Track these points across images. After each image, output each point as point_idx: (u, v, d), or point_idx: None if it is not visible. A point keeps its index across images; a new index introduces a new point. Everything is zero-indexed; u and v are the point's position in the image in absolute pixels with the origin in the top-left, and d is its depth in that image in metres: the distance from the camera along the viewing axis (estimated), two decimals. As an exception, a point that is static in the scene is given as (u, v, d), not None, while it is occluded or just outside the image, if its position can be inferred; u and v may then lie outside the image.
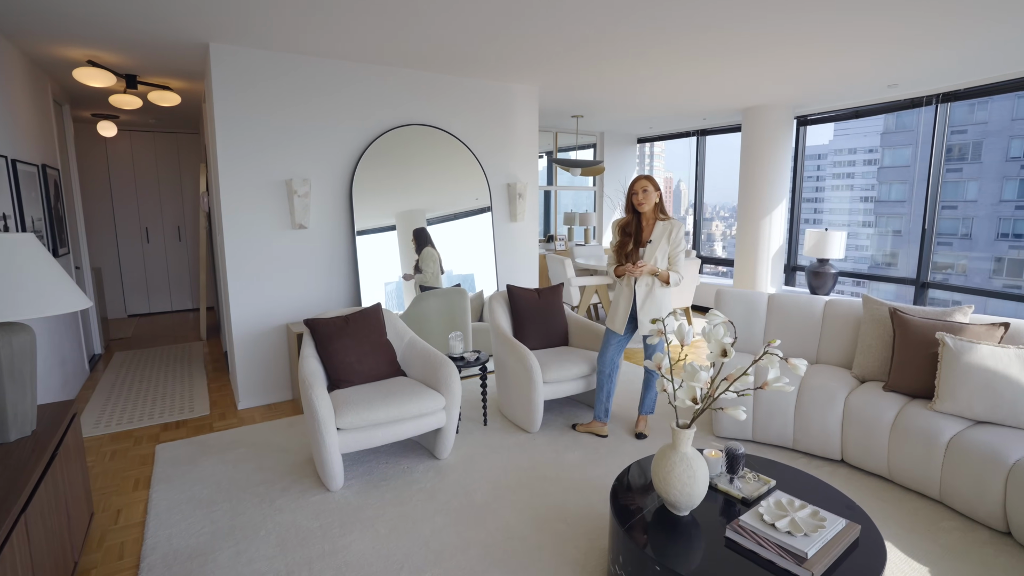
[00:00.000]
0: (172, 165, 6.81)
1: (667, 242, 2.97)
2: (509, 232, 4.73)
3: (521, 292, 3.65)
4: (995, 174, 23.12)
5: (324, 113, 3.75)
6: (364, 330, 2.97)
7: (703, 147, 7.32)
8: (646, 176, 3.02)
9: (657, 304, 3.01)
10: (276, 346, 3.76)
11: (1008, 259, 23.01)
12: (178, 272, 7.04)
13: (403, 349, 3.14)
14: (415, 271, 4.24)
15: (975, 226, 23.65)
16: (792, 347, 3.39)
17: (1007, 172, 22.52)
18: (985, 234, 23.24)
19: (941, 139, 4.99)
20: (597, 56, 3.78)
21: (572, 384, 3.29)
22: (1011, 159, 22.11)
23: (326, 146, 3.79)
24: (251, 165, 3.53)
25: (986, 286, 5.02)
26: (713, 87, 4.74)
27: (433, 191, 4.31)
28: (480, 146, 4.47)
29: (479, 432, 3.28)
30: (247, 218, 3.56)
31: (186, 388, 4.11)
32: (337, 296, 3.95)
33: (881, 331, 2.94)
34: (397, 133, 4.05)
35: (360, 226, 3.95)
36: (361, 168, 3.91)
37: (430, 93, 4.18)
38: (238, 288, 3.58)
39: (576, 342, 3.70)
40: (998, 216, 23.23)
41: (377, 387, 2.79)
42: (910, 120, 22.16)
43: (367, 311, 3.07)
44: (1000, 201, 23.25)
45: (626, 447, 3.08)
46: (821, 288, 5.61)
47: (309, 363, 2.75)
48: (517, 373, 3.21)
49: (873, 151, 24.31)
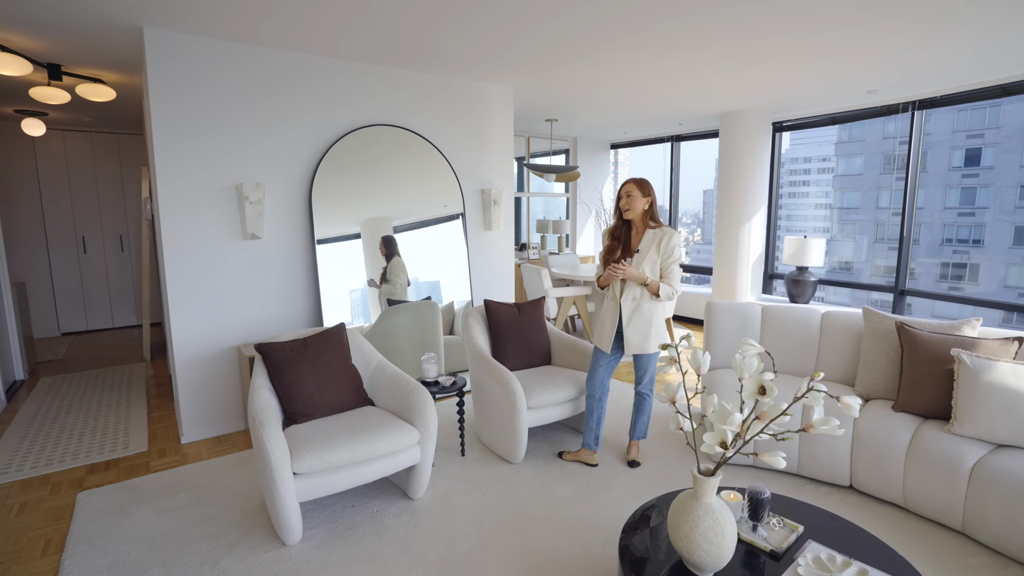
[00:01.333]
0: (112, 168, 6.23)
1: (657, 252, 2.72)
2: (483, 241, 4.43)
3: (500, 308, 3.36)
4: (939, 182, 24.33)
5: (279, 111, 3.38)
6: (325, 354, 2.61)
7: (678, 153, 7.21)
8: (634, 179, 2.76)
9: (645, 320, 2.75)
10: (226, 370, 3.34)
11: (952, 263, 24.24)
12: (120, 285, 6.44)
13: (370, 374, 2.80)
14: (382, 280, 3.89)
15: (922, 232, 24.81)
16: (789, 363, 3.20)
17: (950, 181, 23.73)
18: (931, 239, 24.40)
19: (917, 146, 4.96)
20: (575, 55, 3.54)
21: (558, 409, 3.01)
22: (953, 168, 23.31)
23: (282, 148, 3.42)
24: (195, 168, 3.13)
25: (934, 289, 5.01)
26: (692, 90, 4.58)
27: (401, 197, 3.98)
28: (452, 149, 4.16)
29: (456, 464, 2.95)
30: (191, 227, 3.15)
31: (122, 419, 3.63)
32: (295, 314, 3.57)
33: (886, 346, 2.77)
34: (362, 134, 3.71)
35: (321, 235, 3.59)
36: (322, 172, 3.55)
37: (398, 91, 3.85)
38: (180, 306, 3.15)
39: (560, 360, 3.42)
40: (943, 222, 24.44)
41: (341, 420, 2.44)
42: (861, 131, 23.08)
43: (329, 333, 2.71)
44: (944, 208, 24.47)
45: (619, 478, 2.81)
46: (801, 296, 5.52)
47: (261, 396, 2.37)
48: (498, 398, 2.90)
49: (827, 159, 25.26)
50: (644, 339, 2.76)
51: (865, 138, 24.10)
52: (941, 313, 6.37)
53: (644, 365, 2.86)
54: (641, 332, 2.75)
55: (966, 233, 24.52)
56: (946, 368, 2.44)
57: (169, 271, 3.10)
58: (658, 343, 2.78)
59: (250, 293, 3.38)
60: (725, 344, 3.33)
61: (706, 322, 3.43)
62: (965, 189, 24.04)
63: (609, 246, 2.83)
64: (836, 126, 5.57)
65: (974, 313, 5.24)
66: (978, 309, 5.28)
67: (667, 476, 2.81)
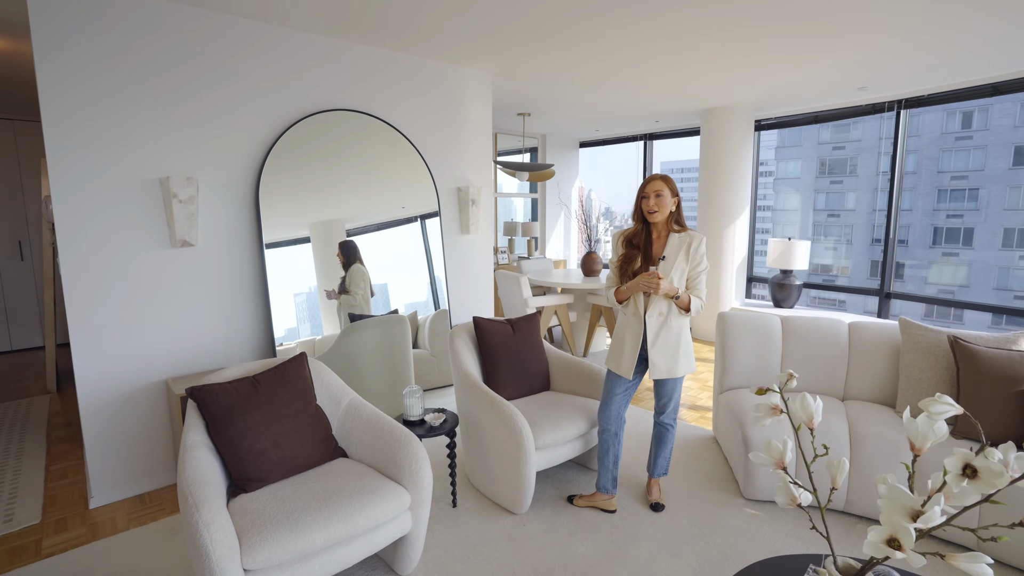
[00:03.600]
0: (8, 161, 5.26)
1: (685, 259, 2.30)
2: (460, 246, 3.91)
3: (491, 326, 2.86)
4: (868, 186, 25.80)
5: (217, 89, 2.74)
6: (283, 396, 2.03)
7: (651, 152, 6.93)
8: (661, 176, 2.34)
9: (673, 340, 2.33)
10: (150, 411, 2.67)
11: (880, 262, 25.56)
12: (20, 299, 5.45)
13: (341, 417, 2.23)
14: (341, 291, 3.30)
15: (854, 232, 26.26)
16: (815, 381, 2.88)
17: (877, 184, 25.18)
18: (862, 239, 25.84)
19: (903, 146, 4.84)
20: (557, 37, 3.12)
21: (569, 447, 2.54)
22: (881, 173, 24.71)
23: (221, 134, 2.78)
24: (104, 157, 2.45)
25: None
26: (675, 83, 4.25)
27: (365, 195, 3.40)
28: (425, 141, 3.62)
29: (448, 518, 2.43)
30: (99, 232, 2.47)
31: (8, 475, 2.87)
32: (241, 338, 2.93)
33: (932, 362, 2.48)
34: (320, 120, 3.11)
35: (272, 238, 2.97)
36: (271, 165, 2.93)
37: (364, 71, 3.28)
38: (86, 332, 2.47)
39: (561, 384, 2.96)
40: (871, 224, 25.90)
41: (307, 484, 1.87)
42: (797, 136, 24.05)
43: (287, 367, 2.12)
44: (873, 210, 25.92)
45: (645, 526, 2.37)
46: (786, 301, 5.33)
47: (195, 461, 1.76)
48: (499, 438, 2.40)
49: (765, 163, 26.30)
50: (672, 361, 2.33)
51: (802, 143, 25.17)
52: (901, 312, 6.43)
53: (669, 391, 2.44)
54: (669, 353, 2.33)
55: (900, 234, 25.83)
56: (1017, 389, 2.15)
57: (69, 287, 2.41)
58: (687, 365, 2.37)
59: (182, 313, 2.72)
60: (745, 361, 2.98)
61: (719, 337, 3.07)
62: (890, 193, 25.34)
63: (626, 255, 2.38)
64: (776, 131, 5.42)
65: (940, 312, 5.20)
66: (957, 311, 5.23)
67: (700, 523, 2.39)
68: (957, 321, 14.66)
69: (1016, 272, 20.85)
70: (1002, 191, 20.36)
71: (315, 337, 3.21)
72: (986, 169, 22.04)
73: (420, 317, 3.75)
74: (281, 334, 3.02)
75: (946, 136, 22.38)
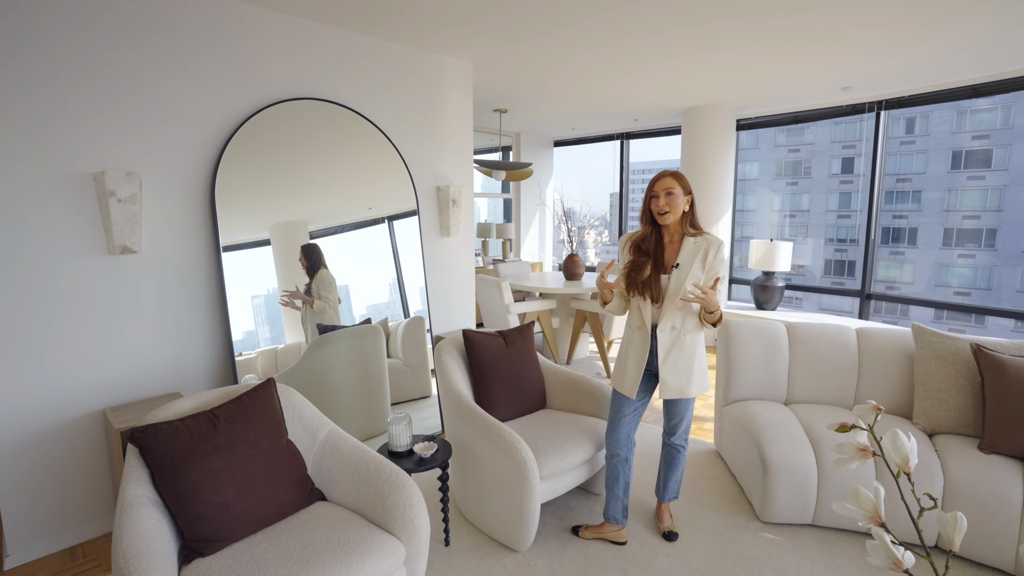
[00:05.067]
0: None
1: (701, 267, 2.08)
2: (440, 250, 3.61)
3: (483, 340, 2.58)
4: (822, 188, 26.84)
5: (163, 68, 2.36)
6: (249, 432, 1.70)
7: (627, 151, 6.78)
8: (672, 173, 2.10)
9: (687, 357, 2.11)
10: (84, 446, 2.27)
11: (834, 260, 26.79)
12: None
13: (318, 453, 1.91)
14: (307, 295, 2.96)
15: (809, 232, 27.24)
16: (824, 391, 2.73)
17: (830, 186, 26.24)
18: (816, 238, 26.78)
19: (883, 147, 4.83)
20: (543, 24, 2.90)
21: (575, 474, 2.30)
22: (832, 175, 25.79)
23: (168, 123, 2.40)
24: (19, 145, 2.05)
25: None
26: (660, 78, 4.08)
27: (335, 193, 3.07)
28: (402, 135, 3.31)
29: (441, 560, 2.14)
30: (14, 235, 2.06)
31: (-90, 527, 2.40)
32: (195, 359, 2.55)
33: (952, 371, 2.35)
34: (288, 110, 2.77)
35: (229, 240, 2.60)
36: (229, 159, 2.57)
37: (335, 57, 2.95)
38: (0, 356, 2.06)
39: (557, 401, 2.71)
40: (825, 224, 26.98)
41: (279, 540, 1.56)
42: (755, 139, 24.70)
43: (252, 397, 1.79)
44: (826, 211, 27.02)
45: (660, 559, 2.15)
46: (768, 303, 5.25)
47: (135, 523, 1.42)
48: (497, 468, 2.13)
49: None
50: (686, 380, 2.11)
51: (759, 146, 25.89)
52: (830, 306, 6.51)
53: (681, 412, 2.22)
54: (682, 372, 2.10)
55: (844, 233, 27.14)
56: (1049, 401, 2.04)
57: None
58: (701, 384, 2.16)
59: (124, 331, 2.33)
60: (751, 371, 2.81)
61: (723, 345, 2.89)
62: (842, 194, 26.58)
63: (634, 262, 2.14)
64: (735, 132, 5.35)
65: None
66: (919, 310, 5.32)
67: (719, 552, 2.19)
68: (903, 317, 15.28)
69: (954, 269, 22.06)
70: (941, 193, 21.51)
71: (277, 346, 2.86)
72: (927, 172, 23.25)
73: (392, 324, 3.44)
74: (239, 338, 2.67)
75: (892, 140, 23.48)
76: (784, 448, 2.28)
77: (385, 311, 3.39)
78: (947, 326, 17.52)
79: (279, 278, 2.88)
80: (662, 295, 2.09)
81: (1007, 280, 20.46)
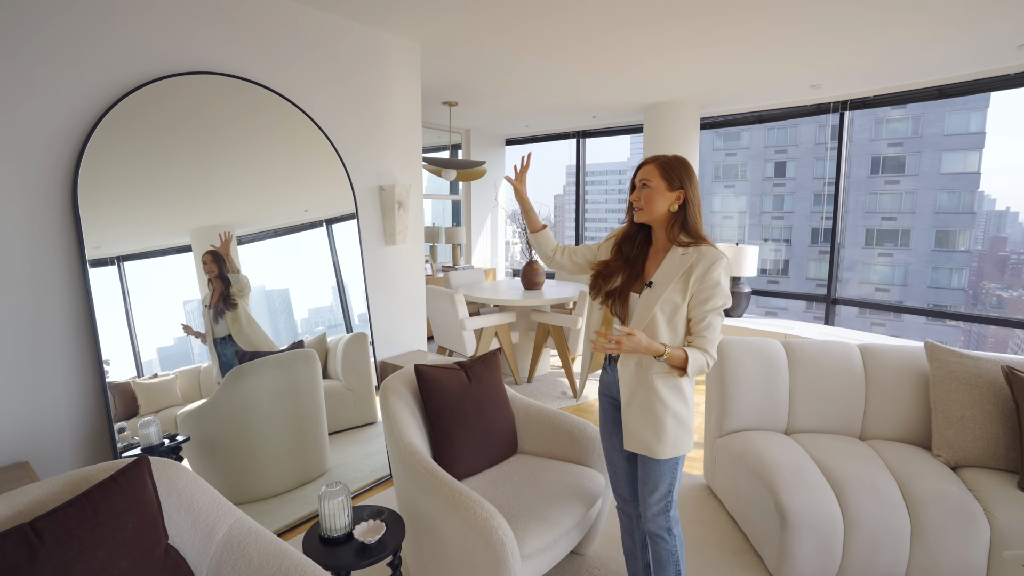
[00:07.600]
0: None
1: (684, 289, 1.51)
2: (383, 260, 3.08)
3: (440, 376, 2.09)
4: (756, 190, 27.91)
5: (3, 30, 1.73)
6: (97, 554, 1.13)
7: (583, 150, 6.45)
8: (658, 159, 1.58)
9: (659, 405, 1.52)
10: None
11: (771, 259, 27.88)
12: None
13: (215, 558, 1.35)
14: (218, 315, 2.37)
15: (747, 233, 28.23)
16: (829, 418, 2.43)
17: (764, 189, 27.34)
18: (752, 239, 27.82)
19: (848, 148, 4.71)
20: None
21: (565, 542, 1.86)
22: (766, 178, 26.90)
23: (4, 99, 1.76)
24: None
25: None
26: (624, 68, 3.74)
27: (257, 193, 2.50)
28: (338, 124, 2.76)
29: (393, 674, 1.63)
30: None
31: None
32: (54, 415, 1.91)
33: (977, 396, 2.09)
34: (182, 86, 2.16)
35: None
36: (99, 147, 1.95)
37: (252, 25, 2.36)
38: None
39: (531, 445, 2.26)
40: (760, 224, 28.08)
41: None
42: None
43: (107, 491, 1.22)
44: (761, 212, 28.13)
45: (670, 649, 1.73)
46: (735, 310, 5.04)
47: None
48: (463, 548, 1.64)
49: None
50: (653, 436, 1.54)
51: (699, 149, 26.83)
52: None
53: (653, 474, 1.58)
54: (648, 419, 1.54)
55: (778, 234, 28.30)
56: (1099, 435, 1.78)
57: None
58: (677, 444, 1.55)
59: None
60: (748, 397, 2.47)
61: (715, 370, 2.54)
62: (776, 196, 27.72)
63: (606, 265, 1.67)
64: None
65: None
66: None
67: (737, 632, 1.80)
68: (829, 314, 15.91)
69: (875, 267, 23.55)
70: (863, 196, 22.89)
71: (200, 365, 2.29)
72: (850, 176, 24.70)
73: (330, 339, 2.88)
74: (150, 358, 2.08)
75: (819, 146, 24.74)
76: (804, 496, 1.93)
77: (328, 315, 2.84)
78: (869, 320, 18.53)
79: (201, 287, 2.30)
80: (628, 317, 1.61)
81: (920, 278, 22.02)
